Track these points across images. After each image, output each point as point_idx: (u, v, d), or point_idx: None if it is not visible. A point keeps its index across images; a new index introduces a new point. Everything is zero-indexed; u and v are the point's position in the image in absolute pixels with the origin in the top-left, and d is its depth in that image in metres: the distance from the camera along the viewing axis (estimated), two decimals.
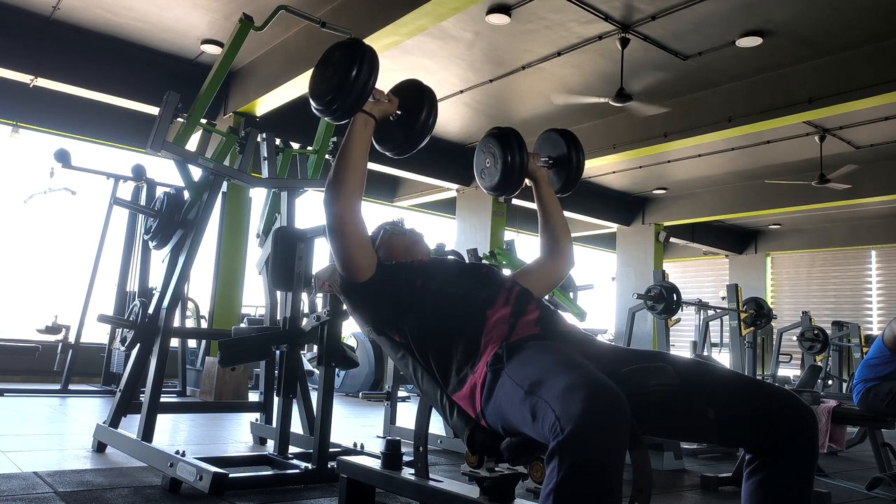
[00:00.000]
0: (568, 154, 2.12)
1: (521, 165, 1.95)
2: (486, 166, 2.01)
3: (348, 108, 1.70)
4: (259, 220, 3.94)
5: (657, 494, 2.95)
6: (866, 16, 5.70)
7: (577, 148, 2.12)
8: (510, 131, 1.99)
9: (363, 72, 1.66)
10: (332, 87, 1.69)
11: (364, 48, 1.70)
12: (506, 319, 1.62)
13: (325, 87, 1.71)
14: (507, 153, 1.94)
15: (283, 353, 3.19)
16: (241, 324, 6.71)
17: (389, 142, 1.87)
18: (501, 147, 1.95)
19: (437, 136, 9.45)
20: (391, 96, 1.81)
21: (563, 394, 1.22)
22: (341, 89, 1.67)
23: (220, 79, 3.63)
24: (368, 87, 1.68)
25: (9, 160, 9.34)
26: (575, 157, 2.12)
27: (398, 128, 1.84)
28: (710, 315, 9.23)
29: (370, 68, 1.67)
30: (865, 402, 3.63)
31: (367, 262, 1.76)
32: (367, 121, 1.74)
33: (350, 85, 1.66)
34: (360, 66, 1.66)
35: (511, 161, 1.93)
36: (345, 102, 1.68)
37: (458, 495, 1.88)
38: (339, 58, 1.71)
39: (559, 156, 2.14)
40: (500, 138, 1.97)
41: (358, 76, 1.66)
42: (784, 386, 4.68)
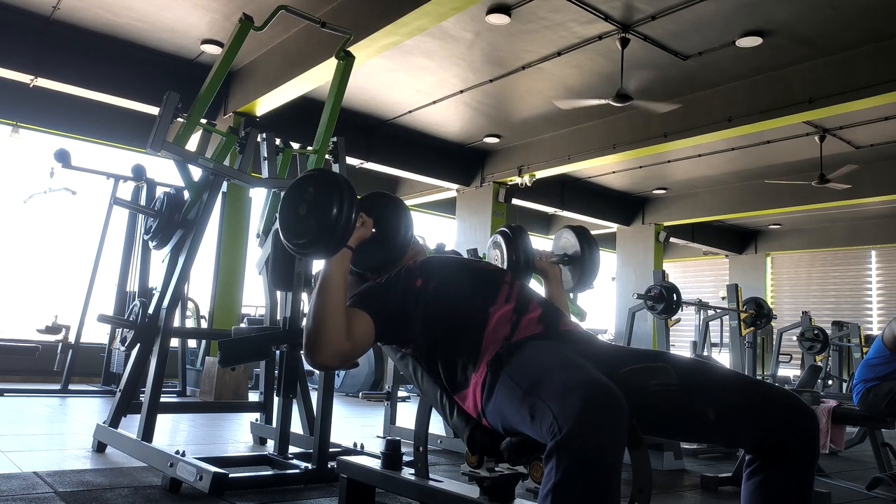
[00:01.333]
0: (582, 252, 2.14)
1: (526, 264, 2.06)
2: (495, 260, 2.13)
3: (330, 251, 1.57)
4: (259, 220, 3.94)
5: (657, 494, 2.95)
6: (866, 16, 5.70)
7: (590, 245, 2.13)
8: (516, 231, 2.08)
9: (345, 210, 1.53)
10: (309, 229, 1.56)
11: (339, 181, 1.57)
12: (508, 317, 1.61)
13: (301, 228, 1.57)
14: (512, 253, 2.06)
15: (283, 353, 3.19)
16: (241, 324, 6.71)
17: (366, 262, 1.79)
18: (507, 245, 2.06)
19: (437, 136, 9.46)
20: (364, 218, 1.67)
21: (561, 394, 1.22)
22: (322, 232, 1.54)
23: (220, 79, 3.63)
24: (351, 228, 1.55)
25: (9, 160, 9.33)
26: (588, 255, 2.13)
27: (375, 247, 1.74)
28: (710, 315, 9.22)
29: (351, 205, 1.54)
30: (865, 402, 3.63)
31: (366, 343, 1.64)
32: (343, 253, 1.61)
33: (331, 227, 1.53)
34: (340, 204, 1.52)
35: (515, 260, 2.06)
36: (326, 246, 1.56)
37: (458, 495, 1.88)
38: (314, 194, 1.57)
39: (574, 254, 2.16)
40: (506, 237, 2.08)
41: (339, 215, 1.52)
42: (784, 386, 4.68)
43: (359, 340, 1.60)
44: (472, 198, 10.26)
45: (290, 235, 1.60)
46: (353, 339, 1.58)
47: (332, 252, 1.59)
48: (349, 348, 1.57)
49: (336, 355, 1.56)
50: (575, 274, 2.16)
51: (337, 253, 1.60)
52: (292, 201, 1.61)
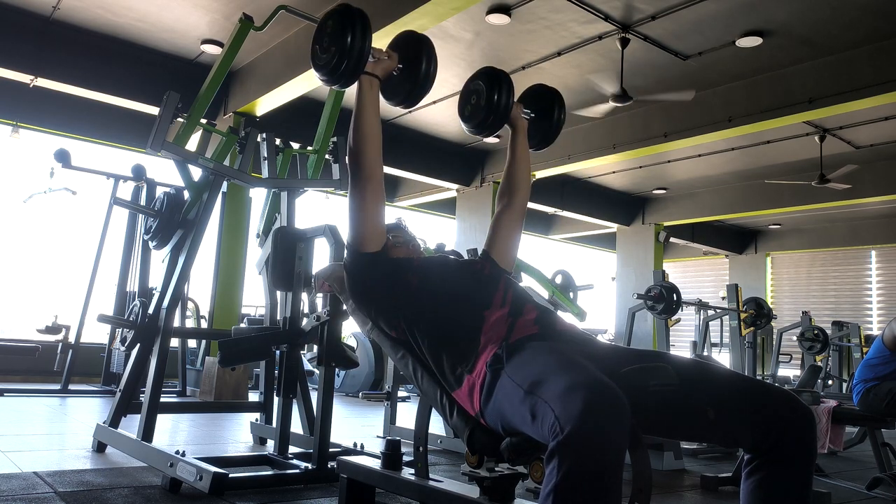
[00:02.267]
0: (550, 109, 2.15)
1: (505, 107, 1.98)
2: (472, 102, 2.04)
3: (351, 71, 1.74)
4: (259, 220, 3.94)
5: (657, 494, 2.95)
6: (866, 16, 5.70)
7: (560, 106, 2.16)
8: (501, 73, 2.01)
9: (357, 35, 1.70)
10: (331, 55, 1.73)
11: (354, 12, 1.73)
12: (504, 319, 1.62)
13: (326, 56, 1.75)
14: (495, 92, 1.97)
15: (283, 353, 3.19)
16: (241, 324, 6.71)
17: (397, 96, 1.90)
18: (489, 86, 1.98)
19: (437, 136, 9.46)
20: (390, 52, 1.84)
21: (562, 394, 1.22)
22: (341, 56, 1.71)
23: (220, 79, 3.63)
24: (366, 49, 1.72)
25: (9, 160, 9.33)
26: (556, 114, 2.15)
27: (403, 81, 1.88)
28: (710, 315, 9.23)
29: (363, 30, 1.71)
30: (865, 402, 3.63)
31: (377, 235, 1.80)
32: (371, 82, 1.79)
33: (348, 50, 1.70)
34: (353, 30, 1.70)
35: (497, 101, 1.96)
36: (347, 67, 1.72)
37: (458, 495, 1.88)
38: (332, 27, 1.75)
39: (542, 109, 2.16)
40: (490, 77, 2.00)
41: (353, 40, 1.70)
42: (784, 386, 4.68)
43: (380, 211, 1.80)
44: (472, 198, 10.26)
45: (319, 69, 1.77)
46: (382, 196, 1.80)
47: (355, 72, 1.74)
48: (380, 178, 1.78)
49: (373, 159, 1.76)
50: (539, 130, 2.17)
51: (363, 76, 1.76)
52: (317, 40, 1.78)
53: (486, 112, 1.97)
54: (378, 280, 1.81)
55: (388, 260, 1.85)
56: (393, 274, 1.81)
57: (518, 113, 2.08)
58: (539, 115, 2.15)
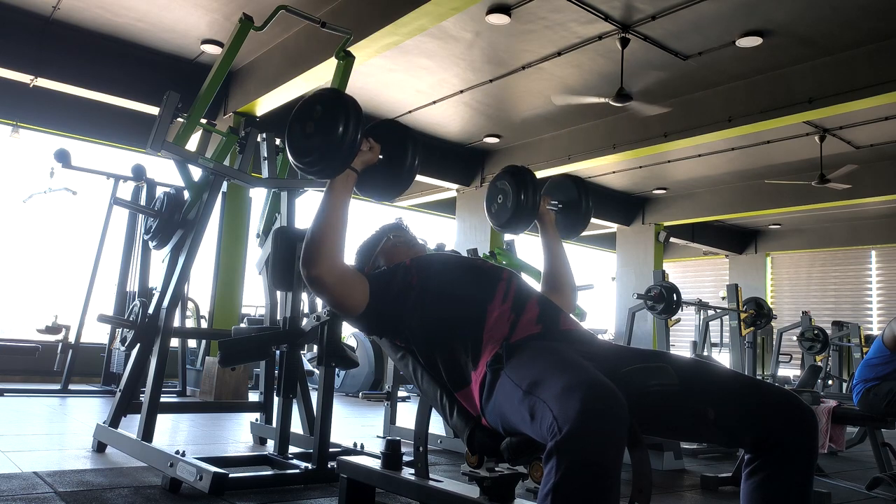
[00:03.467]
0: (578, 200, 2.13)
1: (533, 206, 1.97)
2: (498, 202, 2.02)
3: (334, 169, 1.58)
4: (259, 220, 3.94)
5: (657, 494, 2.95)
6: (866, 16, 5.70)
7: (586, 194, 2.12)
8: (525, 171, 2.00)
9: (350, 128, 1.54)
10: (315, 145, 1.57)
11: (348, 100, 1.60)
12: (506, 317, 1.61)
13: (307, 144, 1.58)
14: (521, 192, 1.95)
15: (283, 353, 3.19)
16: (241, 324, 6.71)
17: (371, 190, 1.78)
18: (516, 186, 1.97)
19: (437, 137, 9.46)
20: (372, 143, 1.68)
21: (561, 394, 1.22)
22: (328, 149, 1.55)
23: (220, 79, 3.63)
24: (357, 145, 1.57)
25: (9, 160, 9.33)
26: (584, 204, 2.12)
27: (381, 174, 1.74)
28: (710, 315, 9.23)
29: (357, 123, 1.56)
30: (865, 402, 3.63)
31: (358, 299, 1.67)
32: (349, 175, 1.63)
33: (337, 144, 1.54)
34: (346, 122, 1.54)
35: (524, 201, 1.95)
36: (331, 163, 1.57)
37: (458, 495, 1.88)
38: (322, 112, 1.59)
39: (569, 201, 2.14)
40: (516, 177, 1.98)
41: (346, 133, 1.54)
42: (784, 386, 4.68)
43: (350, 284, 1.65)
44: (472, 198, 10.26)
45: (296, 154, 1.61)
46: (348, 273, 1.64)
47: (338, 169, 1.59)
48: (339, 276, 1.60)
49: (330, 271, 1.58)
50: (567, 221, 2.15)
51: (342, 171, 1.61)
52: (300, 121, 1.62)
53: (513, 212, 1.96)
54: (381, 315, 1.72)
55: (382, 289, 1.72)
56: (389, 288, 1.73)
57: (545, 208, 2.05)
58: (566, 206, 2.13)
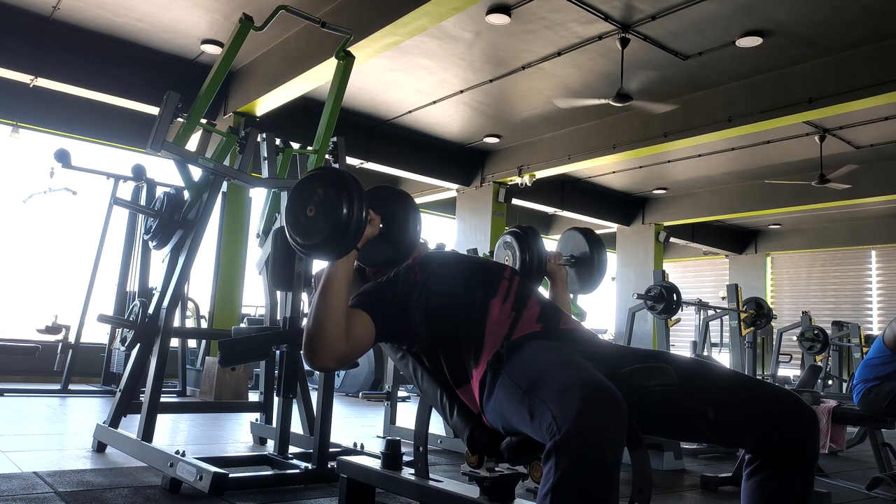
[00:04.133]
0: (590, 254, 2.15)
1: (539, 266, 2.03)
2: (505, 262, 2.08)
3: (339, 253, 1.53)
4: (259, 220, 3.94)
5: (657, 494, 2.95)
6: (866, 16, 5.70)
7: (598, 247, 2.14)
8: (529, 232, 2.04)
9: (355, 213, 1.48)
10: (318, 231, 1.51)
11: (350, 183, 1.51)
12: (507, 315, 1.61)
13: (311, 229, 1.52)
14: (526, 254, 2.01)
15: (283, 353, 3.19)
16: (241, 324, 6.71)
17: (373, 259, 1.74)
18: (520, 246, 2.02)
19: (437, 137, 9.46)
20: (372, 216, 1.60)
21: (560, 393, 1.22)
22: (332, 236, 1.50)
23: (220, 79, 3.63)
24: (361, 231, 1.51)
25: (9, 160, 9.33)
26: (596, 258, 2.14)
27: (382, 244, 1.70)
28: (710, 315, 9.22)
29: (362, 207, 1.50)
30: (866, 402, 3.63)
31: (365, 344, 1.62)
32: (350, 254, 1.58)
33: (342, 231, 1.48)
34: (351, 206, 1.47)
35: (529, 261, 2.02)
36: (336, 249, 1.52)
37: (458, 495, 1.88)
38: (324, 196, 1.51)
39: (581, 255, 2.16)
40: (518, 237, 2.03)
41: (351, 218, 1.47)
42: (784, 386, 4.67)
43: (358, 342, 1.59)
44: (472, 198, 10.26)
45: (298, 236, 1.56)
46: (353, 342, 1.57)
47: (344, 253, 1.55)
48: (347, 351, 1.56)
49: (334, 358, 1.55)
50: (581, 276, 2.17)
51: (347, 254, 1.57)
52: (300, 201, 1.56)
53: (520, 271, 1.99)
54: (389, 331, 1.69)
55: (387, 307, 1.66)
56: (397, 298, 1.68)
57: (555, 266, 2.06)
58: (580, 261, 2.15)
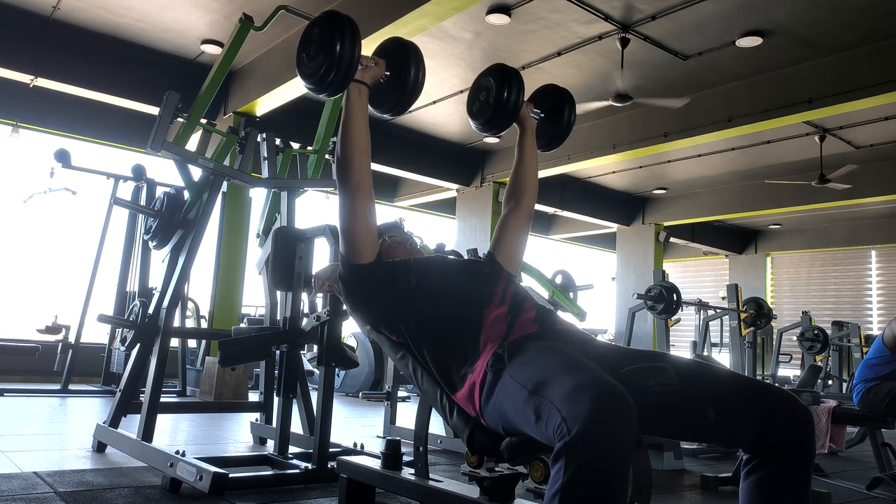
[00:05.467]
0: (561, 110, 2.11)
1: (514, 105, 1.96)
2: (480, 99, 2.01)
3: (340, 81, 1.70)
4: (259, 220, 3.94)
5: (657, 494, 2.95)
6: (866, 16, 5.70)
7: (571, 107, 2.12)
8: (512, 71, 1.99)
9: (346, 43, 1.66)
10: (319, 63, 1.69)
11: (342, 19, 1.69)
12: (503, 318, 1.62)
13: (313, 65, 1.71)
14: (504, 90, 1.95)
15: (283, 353, 3.19)
16: (241, 324, 6.71)
17: (384, 104, 1.87)
18: (500, 82, 1.96)
19: (437, 136, 9.46)
20: (377, 59, 1.80)
21: (569, 395, 1.22)
22: (330, 64, 1.67)
23: (220, 79, 3.63)
24: (355, 57, 1.68)
25: (9, 160, 9.33)
26: (567, 115, 2.11)
27: (391, 89, 1.84)
28: (710, 315, 9.22)
29: (353, 38, 1.67)
30: (865, 402, 3.63)
31: (370, 244, 1.77)
32: (360, 89, 1.75)
33: (337, 58, 1.66)
34: (342, 38, 1.66)
35: (506, 99, 1.94)
36: (336, 76, 1.68)
37: (458, 495, 1.88)
38: (320, 34, 1.71)
39: (552, 110, 2.12)
40: (501, 74, 1.98)
41: (343, 48, 1.65)
42: (784, 386, 4.68)
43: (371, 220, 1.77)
44: (472, 198, 10.26)
45: (306, 77, 1.73)
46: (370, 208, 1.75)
47: (344, 81, 1.70)
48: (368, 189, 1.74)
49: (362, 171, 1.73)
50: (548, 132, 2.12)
51: (350, 83, 1.72)
52: (304, 47, 1.74)
53: (494, 110, 1.96)
54: (377, 289, 1.79)
55: (384, 266, 1.81)
56: (392, 279, 1.78)
57: (527, 113, 2.05)
58: (549, 116, 2.12)
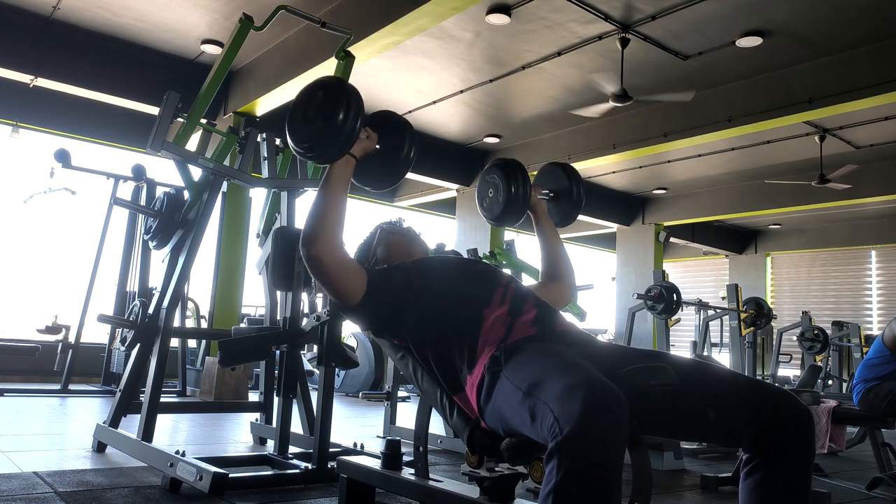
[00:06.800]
0: (569, 188, 2.12)
1: (524, 198, 1.98)
2: (489, 196, 2.03)
3: (335, 155, 1.64)
4: (259, 220, 3.94)
5: (657, 494, 2.95)
6: (866, 16, 5.70)
7: (577, 182, 2.12)
8: (515, 164, 2.00)
9: (351, 115, 1.59)
10: (318, 130, 1.62)
11: (349, 89, 1.63)
12: (503, 319, 1.61)
13: (309, 129, 1.64)
14: (511, 185, 1.96)
15: (283, 353, 3.19)
16: (241, 324, 6.71)
17: (369, 177, 1.82)
18: (506, 179, 1.97)
19: (437, 136, 9.46)
20: (370, 132, 1.73)
21: (561, 394, 1.22)
22: (327, 134, 1.60)
23: (220, 79, 3.63)
24: (356, 132, 1.62)
25: (9, 160, 9.34)
26: (576, 191, 2.11)
27: (378, 163, 1.79)
28: (710, 315, 9.23)
29: (357, 111, 1.61)
30: (865, 402, 3.63)
31: (356, 286, 1.69)
32: (347, 161, 1.68)
33: (337, 129, 1.59)
34: (347, 109, 1.59)
35: (514, 193, 1.96)
36: (331, 148, 1.62)
37: (458, 495, 1.88)
38: (323, 98, 1.64)
39: (560, 189, 2.13)
40: (505, 170, 1.99)
41: (346, 119, 1.58)
42: (784, 386, 4.68)
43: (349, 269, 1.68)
44: (471, 198, 10.20)
45: (296, 139, 1.66)
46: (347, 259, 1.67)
47: (337, 154, 1.64)
48: (340, 258, 1.64)
49: (330, 251, 1.62)
50: (560, 210, 2.14)
51: (341, 157, 1.66)
52: (302, 106, 1.67)
53: (504, 205, 1.98)
54: (377, 306, 1.74)
55: (379, 282, 1.74)
56: (391, 288, 1.74)
57: (536, 198, 2.05)
58: (558, 195, 2.12)
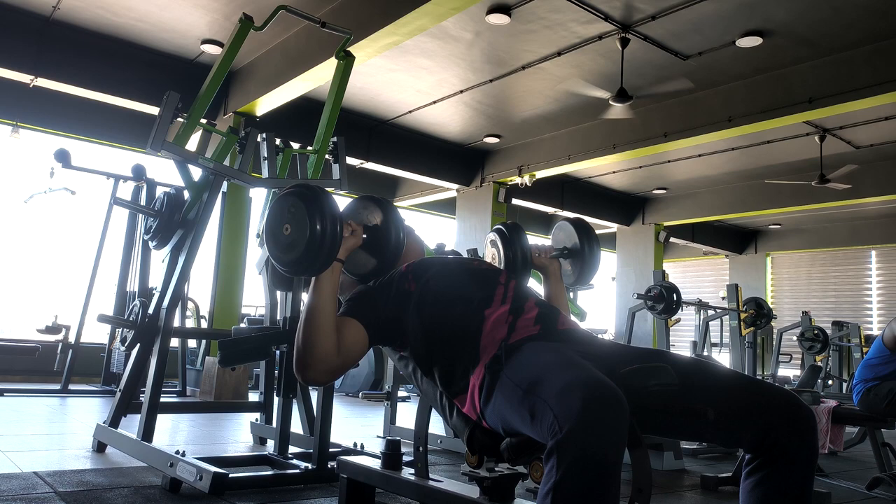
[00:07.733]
0: (581, 246, 2.11)
1: (524, 261, 2.02)
2: (492, 260, 2.08)
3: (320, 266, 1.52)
4: (259, 220, 3.94)
5: (657, 494, 2.95)
6: (866, 16, 5.70)
7: (590, 239, 2.09)
8: (512, 228, 2.04)
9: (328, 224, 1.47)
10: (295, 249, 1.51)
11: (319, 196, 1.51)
12: (504, 319, 1.60)
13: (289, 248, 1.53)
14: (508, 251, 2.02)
15: (283, 353, 3.19)
16: (241, 324, 6.71)
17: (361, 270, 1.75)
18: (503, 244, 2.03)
19: (437, 136, 9.46)
20: (354, 227, 1.62)
21: (561, 393, 1.22)
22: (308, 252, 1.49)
23: (220, 79, 3.63)
24: (337, 243, 1.50)
25: (9, 160, 9.34)
26: (587, 249, 2.09)
27: (368, 253, 1.72)
28: (710, 315, 9.23)
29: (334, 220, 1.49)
30: (865, 402, 3.63)
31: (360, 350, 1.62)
32: (333, 267, 1.58)
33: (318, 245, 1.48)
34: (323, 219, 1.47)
35: (513, 259, 2.02)
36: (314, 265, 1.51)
37: (458, 495, 1.88)
38: (296, 214, 1.52)
39: (573, 247, 2.12)
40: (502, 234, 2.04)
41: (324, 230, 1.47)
42: (784, 386, 4.67)
43: (351, 352, 1.59)
44: (472, 198, 10.26)
45: (278, 257, 1.57)
46: (345, 353, 1.57)
47: (324, 266, 1.55)
48: (339, 363, 1.56)
49: (326, 372, 1.55)
50: (575, 268, 2.11)
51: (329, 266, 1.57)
52: (276, 221, 1.57)
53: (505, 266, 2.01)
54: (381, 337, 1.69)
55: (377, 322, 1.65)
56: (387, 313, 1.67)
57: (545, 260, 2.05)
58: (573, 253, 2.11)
